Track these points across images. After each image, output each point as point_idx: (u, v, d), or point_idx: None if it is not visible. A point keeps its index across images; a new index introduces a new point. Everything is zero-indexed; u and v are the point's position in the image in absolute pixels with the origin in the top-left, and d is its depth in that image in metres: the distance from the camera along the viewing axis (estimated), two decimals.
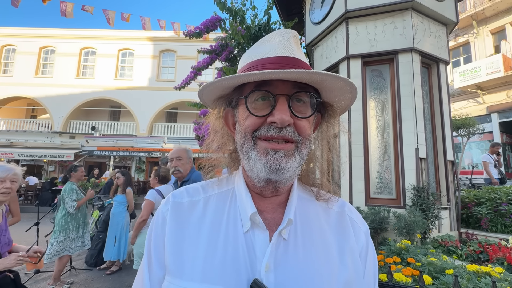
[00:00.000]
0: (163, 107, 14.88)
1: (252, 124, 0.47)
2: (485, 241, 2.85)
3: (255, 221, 0.47)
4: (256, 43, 0.54)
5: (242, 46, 4.78)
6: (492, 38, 9.98)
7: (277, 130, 0.45)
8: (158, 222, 0.52)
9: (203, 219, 0.50)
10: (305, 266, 0.45)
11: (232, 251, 0.46)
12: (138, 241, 2.73)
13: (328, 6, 3.75)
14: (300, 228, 0.49)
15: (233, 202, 0.52)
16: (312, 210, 0.53)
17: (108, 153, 12.97)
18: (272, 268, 0.44)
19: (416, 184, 2.98)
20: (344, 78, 0.46)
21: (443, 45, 3.56)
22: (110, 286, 3.48)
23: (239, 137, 0.50)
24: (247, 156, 0.47)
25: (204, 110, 5.26)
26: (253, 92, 0.46)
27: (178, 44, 15.00)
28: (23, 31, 15.18)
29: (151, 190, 2.89)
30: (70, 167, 3.73)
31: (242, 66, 0.52)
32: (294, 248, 0.47)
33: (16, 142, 13.24)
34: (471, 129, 7.78)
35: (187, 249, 0.47)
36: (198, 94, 0.54)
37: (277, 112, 0.44)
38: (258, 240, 0.46)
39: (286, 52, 0.48)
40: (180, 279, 0.45)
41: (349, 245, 0.50)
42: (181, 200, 0.53)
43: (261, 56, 0.49)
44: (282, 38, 0.50)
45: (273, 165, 0.44)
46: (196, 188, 0.56)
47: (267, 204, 0.51)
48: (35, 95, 14.63)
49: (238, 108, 0.52)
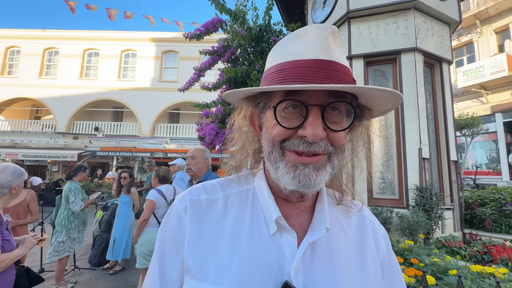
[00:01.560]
0: (166, 108, 14.93)
1: (280, 134, 0.43)
2: (489, 241, 2.83)
3: (281, 224, 0.46)
4: (287, 37, 0.48)
5: (244, 47, 4.79)
6: (496, 37, 9.90)
7: (307, 144, 0.42)
8: (173, 222, 0.50)
9: (224, 219, 0.48)
10: (332, 269, 0.46)
11: (259, 254, 0.45)
12: (140, 240, 2.75)
13: (330, 6, 3.75)
14: (326, 232, 0.49)
15: (255, 204, 0.50)
16: (333, 214, 0.52)
17: (111, 154, 13.05)
18: (301, 270, 0.44)
19: (419, 184, 2.97)
20: (390, 90, 0.42)
21: (446, 44, 3.54)
22: (113, 285, 3.50)
23: (266, 144, 0.47)
24: (274, 166, 0.45)
25: (206, 111, 5.28)
26: (283, 102, 0.43)
27: (181, 45, 15.05)
28: (27, 33, 15.33)
29: (152, 190, 2.92)
30: (78, 166, 3.70)
31: (272, 66, 0.47)
32: (321, 252, 0.47)
33: (20, 143, 13.38)
34: (475, 129, 7.73)
35: (209, 252, 0.45)
36: (223, 96, 0.51)
37: (309, 127, 0.41)
38: (287, 243, 0.46)
39: (323, 55, 0.42)
40: (205, 282, 0.43)
41: (370, 249, 0.50)
42: (199, 198, 0.51)
43: (293, 58, 0.43)
44: (318, 37, 0.43)
45: (302, 180, 0.42)
46: (214, 185, 0.53)
47: (292, 209, 0.50)
48: (39, 96, 14.76)
49: (265, 112, 0.48)
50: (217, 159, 16.34)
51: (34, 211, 2.97)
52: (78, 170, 3.63)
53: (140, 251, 2.72)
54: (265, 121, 0.48)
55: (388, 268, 0.52)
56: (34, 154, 12.41)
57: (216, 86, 5.11)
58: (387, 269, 0.51)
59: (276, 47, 0.49)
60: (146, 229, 2.77)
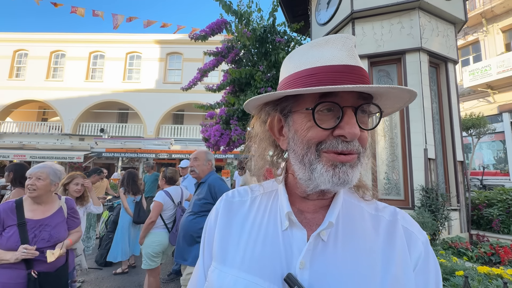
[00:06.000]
0: (170, 109, 15.02)
1: (317, 136, 0.45)
2: (496, 243, 2.79)
3: (292, 220, 0.49)
4: (306, 46, 0.50)
5: (248, 48, 4.80)
6: (502, 36, 9.76)
7: (345, 144, 0.44)
8: (211, 217, 0.59)
9: (248, 215, 0.55)
10: (342, 268, 0.45)
11: (270, 246, 0.49)
12: (146, 241, 2.77)
13: (334, 7, 3.75)
14: (342, 231, 0.49)
15: (274, 202, 0.55)
16: (358, 215, 0.52)
17: (116, 155, 13.17)
18: (308, 266, 0.45)
19: (424, 185, 2.95)
20: (414, 92, 0.46)
21: (451, 44, 3.51)
22: (119, 285, 3.54)
23: (298, 148, 0.48)
24: (310, 167, 0.46)
25: (210, 112, 5.31)
26: (321, 104, 0.45)
27: (185, 46, 15.14)
28: (35, 36, 15.58)
29: (159, 191, 2.93)
30: (95, 169, 3.80)
31: (297, 72, 0.48)
32: (333, 250, 0.47)
33: (28, 144, 13.57)
34: (482, 129, 7.63)
35: (231, 241, 0.52)
36: (245, 104, 0.54)
37: (347, 126, 0.43)
38: (296, 238, 0.48)
39: (351, 61, 0.46)
40: (223, 265, 0.50)
41: (398, 255, 0.47)
42: (233, 199, 0.59)
43: (323, 63, 0.45)
44: (345, 45, 0.46)
45: (342, 177, 0.44)
46: (246, 189, 0.61)
47: (309, 205, 0.52)
48: (46, 98, 14.97)
49: (292, 116, 0.50)
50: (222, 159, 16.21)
51: (95, 201, 2.99)
52: (94, 172, 3.70)
53: (146, 252, 2.73)
54: (292, 124, 0.50)
55: (421, 273, 0.47)
56: (41, 155, 12.58)
57: (221, 87, 5.13)
58: (421, 274, 0.47)
59: (295, 55, 0.51)
60: (152, 231, 2.79)
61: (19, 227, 1.57)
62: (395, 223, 0.51)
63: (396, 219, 0.52)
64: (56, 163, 1.91)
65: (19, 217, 1.60)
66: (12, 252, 1.51)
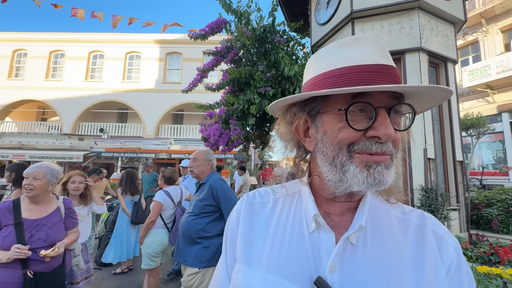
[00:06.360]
0: (170, 109, 15.01)
1: (349, 137, 0.44)
2: (496, 242, 2.80)
3: (319, 222, 0.48)
4: (333, 45, 0.49)
5: (248, 48, 4.80)
6: (502, 36, 9.78)
7: (379, 145, 0.43)
8: (233, 218, 0.59)
9: (271, 216, 0.54)
10: (372, 272, 0.44)
11: (297, 249, 0.48)
12: (146, 241, 2.76)
13: (334, 7, 3.75)
14: (370, 234, 0.48)
15: (298, 204, 0.54)
16: (385, 219, 0.51)
17: (116, 155, 13.16)
18: (337, 269, 0.44)
19: (424, 185, 2.95)
20: (451, 91, 0.45)
21: (451, 44, 3.51)
22: (119, 285, 3.53)
23: (329, 149, 0.46)
24: (342, 169, 0.45)
25: (210, 112, 5.30)
26: (354, 104, 0.43)
27: (184, 46, 15.14)
28: (34, 36, 15.55)
29: (159, 191, 2.92)
30: (94, 169, 3.81)
31: (325, 72, 0.47)
32: (363, 253, 0.46)
33: (27, 144, 13.56)
34: (481, 129, 7.63)
35: (255, 242, 0.52)
36: (270, 106, 0.54)
37: (382, 127, 0.42)
38: (323, 241, 0.47)
39: (384, 60, 0.44)
40: (248, 266, 0.50)
41: (429, 259, 0.46)
42: (254, 200, 0.59)
43: (354, 63, 0.44)
44: (376, 44, 0.45)
45: (377, 178, 0.43)
46: (267, 190, 0.61)
47: (336, 207, 0.51)
48: (45, 98, 14.95)
49: (321, 117, 0.49)
50: (221, 159, 16.23)
51: (97, 200, 2.96)
52: (93, 172, 3.70)
53: (146, 252, 2.73)
54: (320, 125, 0.49)
55: (455, 279, 0.46)
56: (40, 155, 12.56)
57: (220, 86, 5.12)
58: (455, 280, 0.46)
59: (322, 55, 0.50)
60: (152, 231, 2.78)
61: (15, 226, 1.57)
62: (423, 227, 0.50)
63: (424, 223, 0.51)
64: (53, 163, 1.90)
65: (16, 216, 1.60)
66: (5, 252, 1.50)
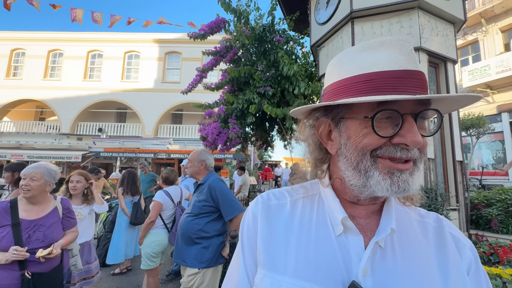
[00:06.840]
0: (169, 109, 14.99)
1: (374, 143, 0.44)
2: (495, 242, 2.80)
3: (347, 225, 0.47)
4: (355, 48, 0.49)
5: (247, 48, 4.78)
6: (501, 36, 9.79)
7: (405, 151, 0.43)
8: (249, 220, 0.56)
9: (292, 219, 0.52)
10: (404, 276, 0.44)
11: (325, 253, 0.47)
12: (145, 241, 2.75)
13: (334, 6, 3.74)
14: (396, 237, 0.48)
15: (320, 206, 0.53)
16: (407, 221, 0.51)
17: (114, 155, 13.14)
18: (370, 273, 0.44)
19: (424, 185, 2.94)
20: (480, 97, 0.44)
21: (451, 44, 3.51)
22: (117, 285, 3.52)
23: (353, 154, 0.46)
24: (365, 174, 0.45)
25: (209, 111, 5.28)
26: (381, 112, 0.43)
27: (183, 46, 15.11)
28: (32, 35, 15.49)
29: (159, 191, 2.92)
30: (92, 169, 3.79)
31: (350, 77, 0.46)
32: (392, 256, 0.46)
33: (25, 144, 13.52)
34: (481, 129, 7.64)
35: (277, 246, 0.50)
36: (292, 112, 0.55)
37: (409, 134, 0.42)
38: (353, 244, 0.47)
39: (411, 65, 0.44)
40: (273, 272, 0.47)
41: (452, 261, 0.47)
42: (269, 202, 0.56)
43: (381, 68, 0.44)
44: (403, 48, 0.45)
45: (401, 186, 0.43)
46: (282, 192, 0.59)
47: (360, 210, 0.51)
48: (43, 98, 14.90)
49: (345, 122, 0.49)
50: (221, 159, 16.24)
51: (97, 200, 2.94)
52: (91, 172, 3.68)
53: (145, 252, 2.72)
54: (344, 130, 0.48)
55: (475, 278, 0.48)
56: (39, 155, 12.53)
57: (219, 86, 5.11)
58: (474, 280, 0.48)
59: (346, 58, 0.49)
60: (152, 231, 2.77)
61: (13, 227, 1.55)
62: (442, 230, 0.51)
63: (442, 225, 0.52)
64: (51, 163, 1.89)
65: (13, 217, 1.58)
66: (3, 253, 1.49)
